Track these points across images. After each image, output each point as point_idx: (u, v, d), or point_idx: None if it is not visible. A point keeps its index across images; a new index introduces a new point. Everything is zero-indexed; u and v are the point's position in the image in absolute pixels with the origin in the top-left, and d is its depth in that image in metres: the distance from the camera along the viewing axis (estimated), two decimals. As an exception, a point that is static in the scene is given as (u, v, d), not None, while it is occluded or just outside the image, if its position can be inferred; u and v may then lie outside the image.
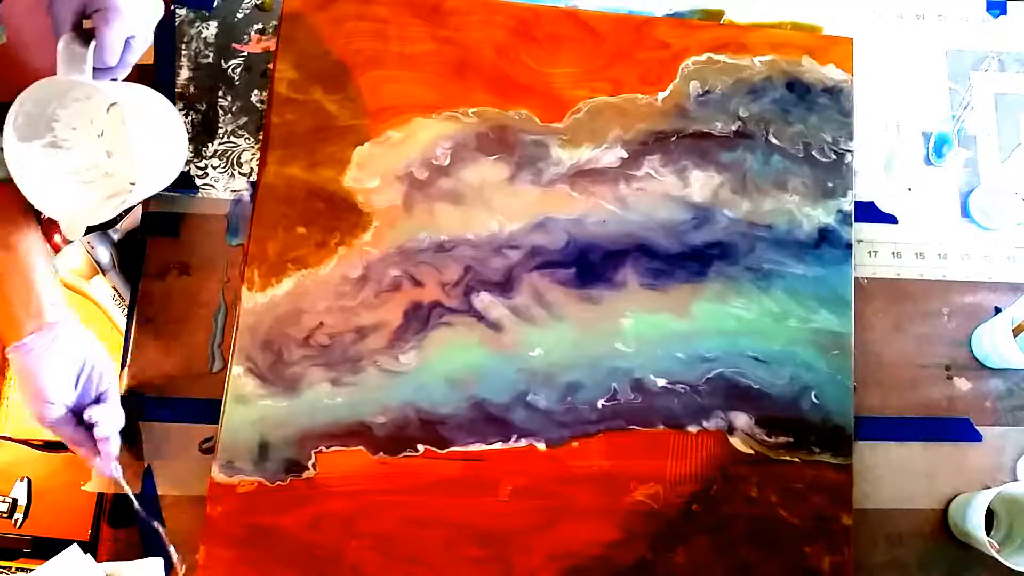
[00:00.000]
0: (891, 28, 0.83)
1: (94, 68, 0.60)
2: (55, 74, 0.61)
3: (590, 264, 0.74)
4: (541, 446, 0.71)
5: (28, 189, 0.63)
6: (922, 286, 0.78)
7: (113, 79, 0.63)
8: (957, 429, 0.75)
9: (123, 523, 0.70)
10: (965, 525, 0.69)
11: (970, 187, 0.80)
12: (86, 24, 0.61)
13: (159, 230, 0.75)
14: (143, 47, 0.63)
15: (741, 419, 0.72)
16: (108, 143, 0.66)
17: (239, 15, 0.79)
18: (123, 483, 0.67)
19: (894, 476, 0.74)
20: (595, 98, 0.77)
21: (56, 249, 0.78)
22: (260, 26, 0.79)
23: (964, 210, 0.80)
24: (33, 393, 0.63)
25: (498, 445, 0.71)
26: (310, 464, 0.70)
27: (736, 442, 0.72)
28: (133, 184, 0.66)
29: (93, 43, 0.59)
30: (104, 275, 0.79)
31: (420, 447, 0.70)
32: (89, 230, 0.68)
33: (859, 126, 0.79)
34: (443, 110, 0.76)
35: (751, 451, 0.72)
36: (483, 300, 0.73)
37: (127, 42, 0.61)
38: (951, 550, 0.73)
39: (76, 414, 0.65)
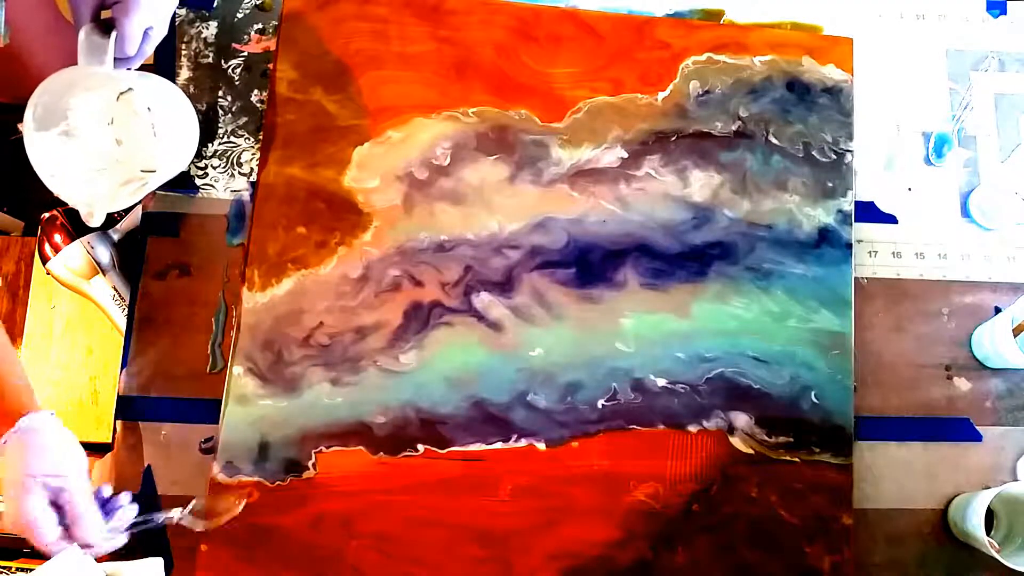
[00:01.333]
0: (891, 28, 0.83)
1: (116, 58, 0.61)
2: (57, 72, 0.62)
3: (590, 264, 0.74)
4: (541, 446, 0.71)
5: (46, 176, 0.66)
6: (922, 286, 0.78)
7: (128, 68, 0.64)
8: (957, 429, 0.75)
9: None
10: (965, 525, 0.69)
11: (970, 187, 0.80)
12: (104, 14, 0.61)
13: (159, 230, 0.75)
14: (160, 37, 0.64)
15: (741, 419, 0.72)
16: (117, 131, 0.67)
17: (239, 15, 0.79)
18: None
19: (894, 476, 0.74)
20: (595, 98, 0.77)
21: (56, 249, 0.78)
22: (260, 26, 0.79)
23: (964, 210, 0.80)
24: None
25: (498, 445, 0.71)
26: (310, 464, 0.70)
27: (736, 442, 0.72)
28: (144, 171, 0.67)
29: (114, 34, 0.60)
30: (104, 275, 0.79)
31: (420, 447, 0.70)
32: (109, 218, 0.70)
33: (859, 126, 0.79)
34: (443, 110, 0.76)
35: (751, 451, 0.72)
36: (483, 300, 0.73)
37: (145, 32, 0.62)
38: (951, 550, 0.73)
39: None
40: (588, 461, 0.71)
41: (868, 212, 0.79)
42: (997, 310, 0.77)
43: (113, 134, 0.67)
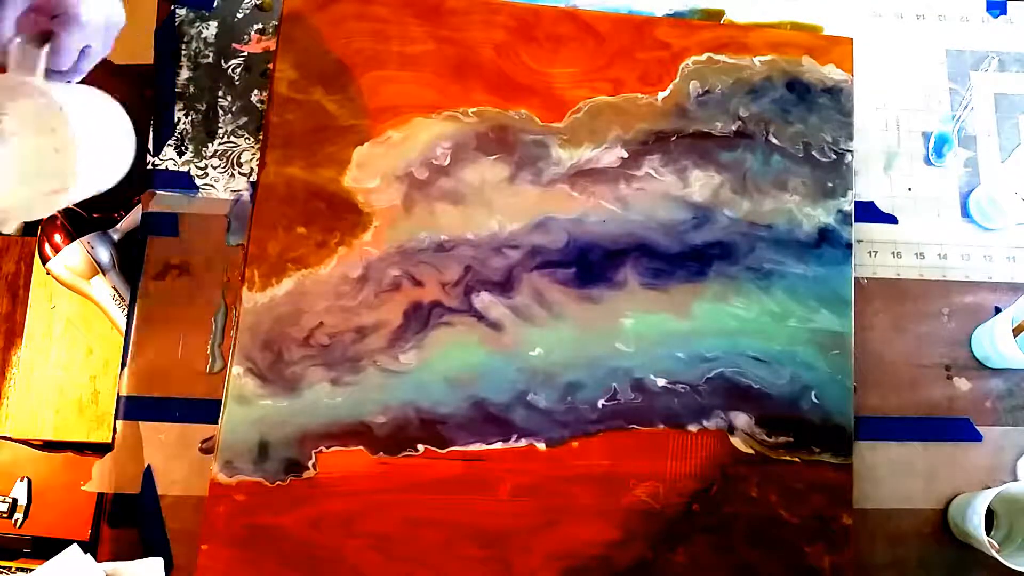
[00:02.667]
0: (891, 28, 0.83)
1: (49, 71, 0.59)
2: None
3: (590, 264, 0.74)
4: (541, 446, 0.71)
5: None
6: (922, 286, 0.78)
7: (67, 82, 0.62)
8: (957, 429, 0.75)
9: (123, 523, 0.70)
10: (965, 525, 0.69)
11: (970, 187, 0.80)
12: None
13: (159, 230, 0.75)
14: (99, 57, 0.62)
15: (741, 419, 0.72)
16: (57, 141, 0.65)
17: (239, 15, 0.79)
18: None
19: (894, 476, 0.74)
20: (595, 98, 0.77)
21: (56, 249, 0.78)
22: (260, 26, 0.79)
23: (964, 210, 0.80)
24: None
25: (498, 445, 0.71)
26: (310, 464, 0.70)
27: (736, 442, 0.72)
28: (72, 183, 0.65)
29: (48, 46, 0.59)
30: (104, 275, 0.79)
31: (420, 447, 0.70)
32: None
33: (859, 126, 0.79)
34: (443, 110, 0.76)
35: (751, 451, 0.72)
36: (483, 300, 0.73)
37: (83, 50, 0.60)
38: (951, 550, 0.73)
39: None
40: (588, 461, 0.71)
41: (868, 212, 0.79)
42: (997, 310, 0.77)
43: (52, 143, 0.65)
